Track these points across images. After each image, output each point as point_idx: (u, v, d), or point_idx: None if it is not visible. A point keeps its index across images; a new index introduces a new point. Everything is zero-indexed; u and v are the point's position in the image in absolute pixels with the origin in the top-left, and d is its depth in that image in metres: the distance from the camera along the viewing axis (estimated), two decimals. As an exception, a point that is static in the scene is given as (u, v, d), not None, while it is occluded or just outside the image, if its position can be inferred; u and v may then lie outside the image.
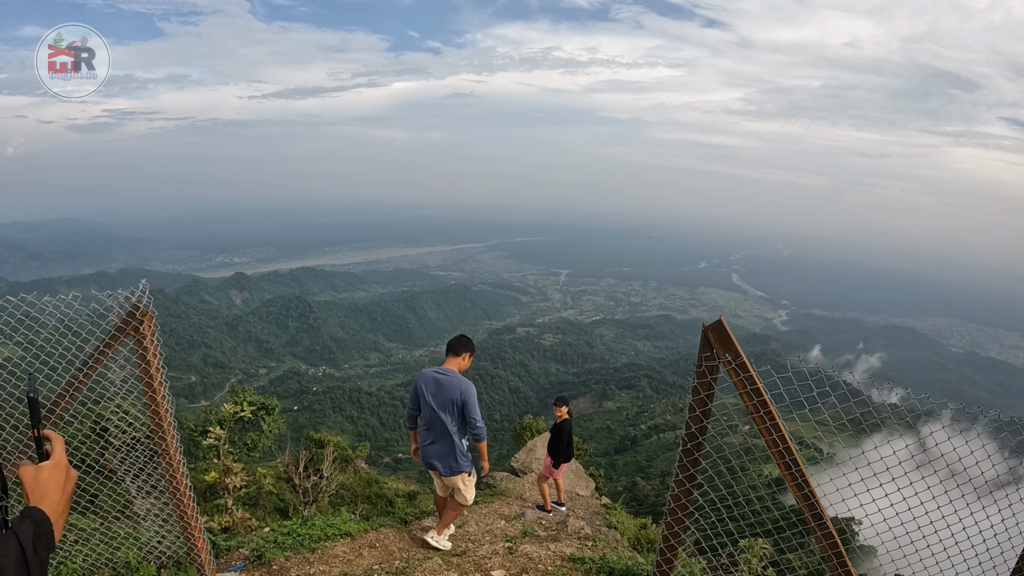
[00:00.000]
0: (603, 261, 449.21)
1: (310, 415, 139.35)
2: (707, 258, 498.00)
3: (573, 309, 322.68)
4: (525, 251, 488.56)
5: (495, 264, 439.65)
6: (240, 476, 7.03)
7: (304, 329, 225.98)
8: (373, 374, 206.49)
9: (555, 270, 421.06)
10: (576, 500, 14.95)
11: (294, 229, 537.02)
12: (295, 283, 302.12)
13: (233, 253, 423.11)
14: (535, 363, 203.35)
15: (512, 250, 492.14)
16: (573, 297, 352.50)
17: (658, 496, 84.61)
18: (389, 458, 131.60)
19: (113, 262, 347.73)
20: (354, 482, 23.25)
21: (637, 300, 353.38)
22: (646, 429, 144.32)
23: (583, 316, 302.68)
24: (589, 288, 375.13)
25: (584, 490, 16.44)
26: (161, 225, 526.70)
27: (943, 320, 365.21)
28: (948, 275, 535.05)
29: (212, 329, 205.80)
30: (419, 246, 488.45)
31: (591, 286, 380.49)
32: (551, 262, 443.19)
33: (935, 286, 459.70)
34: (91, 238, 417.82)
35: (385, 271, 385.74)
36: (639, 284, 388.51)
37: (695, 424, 6.64)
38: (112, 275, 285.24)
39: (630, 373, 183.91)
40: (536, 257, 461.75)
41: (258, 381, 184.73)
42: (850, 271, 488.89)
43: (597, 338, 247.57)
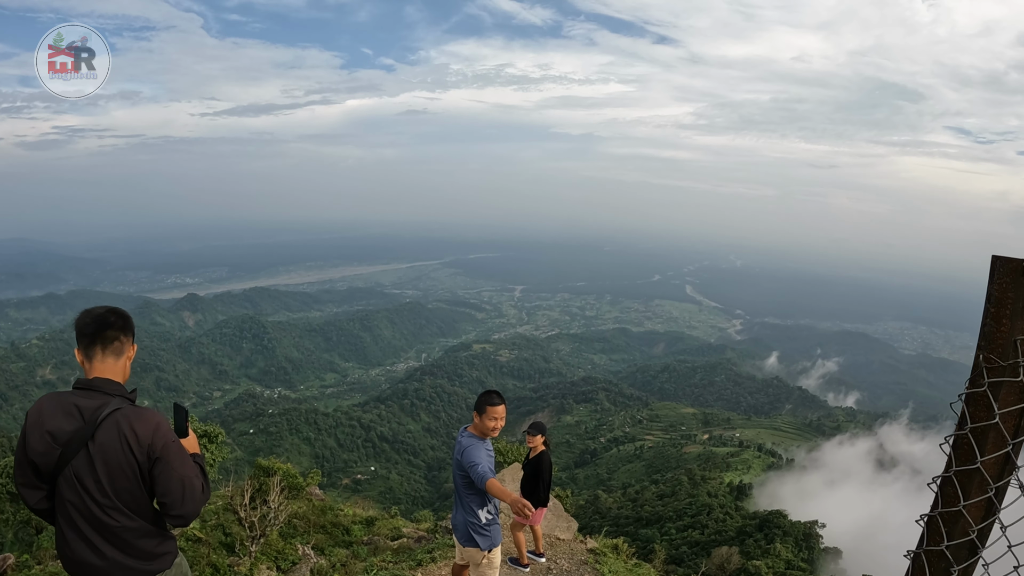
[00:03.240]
0: (557, 276, 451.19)
1: (266, 438, 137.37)
2: (661, 270, 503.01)
3: (529, 324, 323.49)
4: (480, 267, 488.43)
5: (450, 281, 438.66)
6: None
7: (258, 350, 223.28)
8: (329, 395, 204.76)
9: (510, 286, 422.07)
10: (557, 546, 12.43)
11: (247, 248, 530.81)
12: (249, 303, 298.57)
13: (185, 273, 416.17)
14: (492, 379, 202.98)
15: (467, 267, 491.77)
16: (528, 312, 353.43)
17: (620, 508, 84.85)
18: (348, 479, 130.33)
19: (63, 283, 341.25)
20: (307, 510, 22.59)
21: (592, 314, 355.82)
22: (605, 442, 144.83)
23: (539, 331, 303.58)
24: (544, 303, 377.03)
25: (565, 532, 13.69)
26: (112, 245, 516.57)
27: (895, 324, 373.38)
28: (898, 280, 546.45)
29: (164, 352, 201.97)
30: (373, 264, 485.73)
31: (546, 301, 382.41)
32: (506, 278, 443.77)
33: (885, 291, 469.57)
34: (40, 259, 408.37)
35: (339, 290, 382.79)
36: (594, 298, 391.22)
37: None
38: (62, 297, 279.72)
39: (587, 387, 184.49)
40: (491, 273, 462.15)
41: (213, 404, 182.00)
42: (802, 279, 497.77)
43: (553, 353, 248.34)
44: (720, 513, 72.55)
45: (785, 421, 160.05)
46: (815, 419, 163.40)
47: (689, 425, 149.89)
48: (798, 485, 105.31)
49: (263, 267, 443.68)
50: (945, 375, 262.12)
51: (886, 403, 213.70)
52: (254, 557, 14.90)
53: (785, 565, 51.62)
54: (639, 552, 44.01)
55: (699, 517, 72.62)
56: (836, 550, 65.55)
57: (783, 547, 57.21)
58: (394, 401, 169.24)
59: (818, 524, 66.19)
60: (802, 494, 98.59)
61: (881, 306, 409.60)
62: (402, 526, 22.28)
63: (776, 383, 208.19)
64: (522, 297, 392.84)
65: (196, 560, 16.54)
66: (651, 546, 53.25)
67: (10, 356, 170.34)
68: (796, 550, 58.80)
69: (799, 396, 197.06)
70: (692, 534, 68.41)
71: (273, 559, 16.38)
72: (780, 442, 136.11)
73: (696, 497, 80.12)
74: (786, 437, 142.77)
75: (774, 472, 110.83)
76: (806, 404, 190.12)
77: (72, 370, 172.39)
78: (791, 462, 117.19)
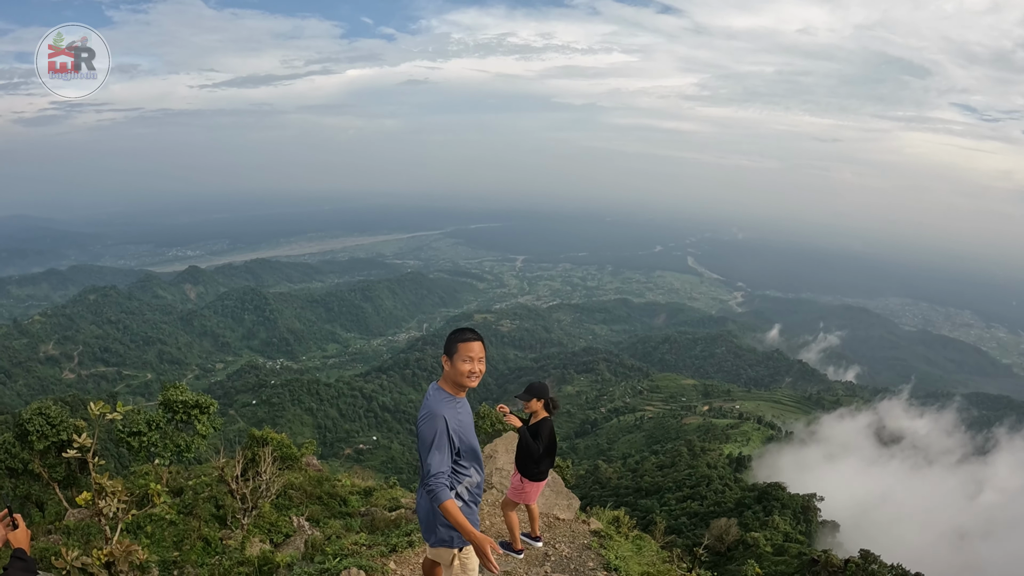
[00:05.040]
0: (559, 246, 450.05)
1: (269, 409, 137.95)
2: (662, 242, 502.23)
3: (530, 295, 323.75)
4: (481, 238, 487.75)
5: (451, 251, 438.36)
6: (119, 496, 5.91)
7: (260, 322, 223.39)
8: (331, 365, 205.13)
9: (511, 256, 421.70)
10: (556, 527, 10.86)
11: (248, 220, 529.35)
12: (250, 275, 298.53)
13: (186, 246, 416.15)
14: (493, 349, 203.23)
15: (468, 237, 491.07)
16: (530, 283, 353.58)
17: (620, 479, 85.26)
18: (350, 449, 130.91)
19: (64, 259, 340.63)
20: (303, 481, 22.44)
21: (594, 284, 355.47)
22: (606, 412, 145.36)
23: (540, 301, 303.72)
24: (545, 273, 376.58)
25: (565, 511, 11.77)
26: (112, 220, 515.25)
27: (896, 300, 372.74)
28: (900, 256, 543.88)
29: (167, 325, 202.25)
30: (375, 235, 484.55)
31: (547, 271, 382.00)
32: (507, 248, 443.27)
33: (887, 267, 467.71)
34: (41, 235, 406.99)
35: (341, 261, 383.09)
36: (595, 268, 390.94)
37: None
38: (63, 272, 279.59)
39: (588, 357, 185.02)
40: (492, 244, 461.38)
41: (215, 376, 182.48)
42: (804, 253, 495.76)
43: (555, 323, 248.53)
44: (719, 484, 72.89)
45: (785, 394, 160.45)
46: (815, 393, 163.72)
47: (689, 396, 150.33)
48: (797, 458, 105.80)
49: (264, 239, 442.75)
50: (945, 352, 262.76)
51: (886, 378, 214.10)
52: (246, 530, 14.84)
53: (783, 537, 51.84)
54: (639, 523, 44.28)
55: (698, 488, 72.97)
56: (834, 523, 65.89)
57: (781, 519, 57.50)
58: (396, 371, 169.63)
59: (816, 497, 66.47)
60: (801, 467, 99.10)
61: (883, 281, 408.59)
62: (400, 496, 22.24)
63: (776, 356, 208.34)
64: (523, 267, 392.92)
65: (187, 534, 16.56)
66: (651, 517, 53.55)
67: (12, 333, 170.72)
68: (794, 523, 59.11)
69: (799, 369, 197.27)
70: (691, 505, 68.76)
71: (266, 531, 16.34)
72: (779, 415, 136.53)
73: (696, 468, 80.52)
74: (786, 410, 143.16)
75: (773, 445, 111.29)
76: (806, 377, 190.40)
77: (75, 345, 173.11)
78: (790, 435, 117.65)
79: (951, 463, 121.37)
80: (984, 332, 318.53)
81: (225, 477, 15.34)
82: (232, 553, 13.74)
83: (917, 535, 76.55)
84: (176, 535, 16.38)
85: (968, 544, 79.35)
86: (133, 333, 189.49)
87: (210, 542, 16.13)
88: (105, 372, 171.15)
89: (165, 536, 16.20)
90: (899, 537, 70.09)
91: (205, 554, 15.27)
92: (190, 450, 21.48)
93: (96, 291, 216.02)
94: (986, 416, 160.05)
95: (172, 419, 21.38)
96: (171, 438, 21.22)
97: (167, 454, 21.06)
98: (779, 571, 38.48)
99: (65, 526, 16.79)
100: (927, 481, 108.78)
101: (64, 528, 16.70)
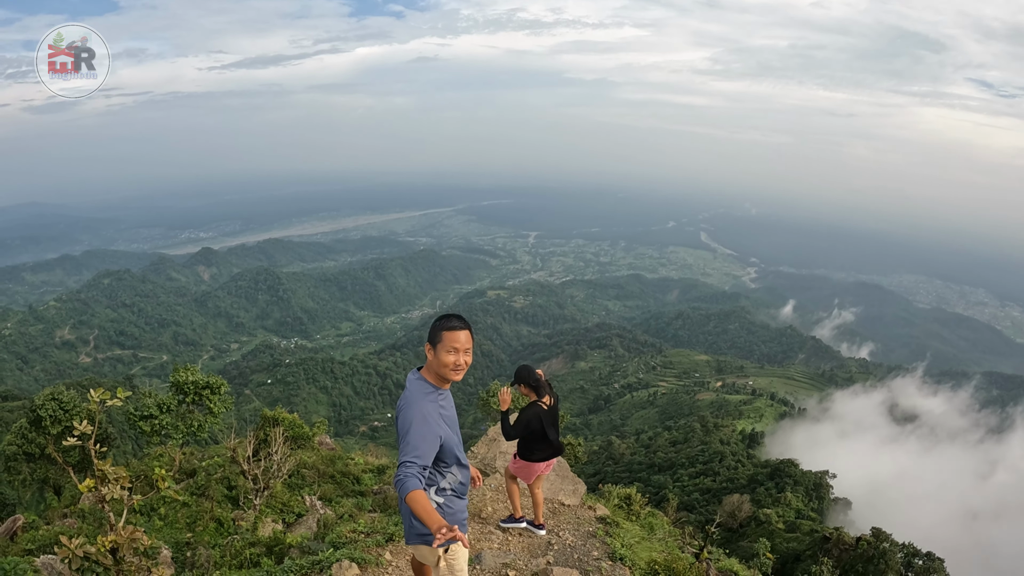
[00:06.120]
0: (572, 222, 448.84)
1: (284, 388, 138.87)
2: (675, 217, 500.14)
3: (543, 271, 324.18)
4: (493, 214, 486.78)
5: (463, 228, 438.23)
6: (122, 482, 5.83)
7: (274, 301, 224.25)
8: (345, 343, 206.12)
9: (524, 232, 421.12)
10: (560, 513, 10.33)
11: (260, 201, 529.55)
12: (263, 255, 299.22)
13: (199, 228, 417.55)
14: (506, 326, 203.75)
15: (480, 213, 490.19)
16: (543, 259, 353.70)
17: (633, 455, 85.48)
18: (365, 427, 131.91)
19: (77, 245, 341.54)
20: (316, 460, 22.50)
21: (606, 260, 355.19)
22: (619, 388, 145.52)
23: (553, 277, 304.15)
24: (558, 249, 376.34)
25: (571, 497, 11.17)
26: (124, 204, 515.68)
27: (910, 277, 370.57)
28: (914, 233, 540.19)
29: (181, 307, 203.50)
30: (386, 213, 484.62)
31: (560, 247, 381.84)
32: (520, 224, 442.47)
33: (901, 243, 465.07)
34: (54, 221, 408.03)
35: (353, 239, 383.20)
36: (608, 244, 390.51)
37: None
38: (77, 258, 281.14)
39: (601, 333, 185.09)
40: (504, 220, 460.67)
41: (230, 356, 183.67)
42: (817, 229, 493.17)
43: (568, 299, 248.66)
44: (732, 461, 72.96)
45: (798, 371, 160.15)
46: (828, 369, 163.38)
47: (702, 372, 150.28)
48: (810, 435, 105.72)
49: (276, 219, 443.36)
50: (959, 330, 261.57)
51: (899, 356, 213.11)
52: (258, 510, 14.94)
53: (795, 514, 51.87)
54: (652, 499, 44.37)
55: (711, 464, 73.06)
56: (846, 501, 65.86)
57: (793, 496, 57.49)
58: (409, 348, 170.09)
59: (828, 474, 66.38)
60: (813, 444, 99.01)
61: (897, 258, 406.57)
62: (414, 475, 22.25)
63: (790, 332, 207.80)
64: (536, 243, 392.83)
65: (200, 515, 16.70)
66: (663, 493, 53.70)
67: (28, 319, 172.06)
68: (806, 499, 59.07)
69: (812, 346, 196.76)
70: (704, 481, 68.86)
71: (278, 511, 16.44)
72: (792, 391, 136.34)
73: (708, 444, 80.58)
74: (799, 386, 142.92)
75: (786, 421, 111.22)
76: (819, 354, 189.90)
77: (90, 329, 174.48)
78: (803, 411, 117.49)
79: (965, 443, 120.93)
80: (998, 311, 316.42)
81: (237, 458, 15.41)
82: (244, 533, 13.86)
83: (929, 514, 76.43)
84: (189, 516, 16.53)
85: (980, 525, 79.14)
86: (148, 316, 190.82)
87: (223, 523, 16.27)
88: (121, 355, 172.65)
89: (178, 518, 16.36)
90: (911, 516, 70.09)
91: (218, 535, 15.40)
92: (202, 431, 21.56)
93: (110, 275, 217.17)
94: (1000, 396, 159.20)
95: (183, 401, 21.45)
96: (183, 420, 21.32)
97: (179, 436, 21.16)
98: (791, 548, 38.52)
99: (80, 510, 16.96)
100: (940, 460, 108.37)
101: (79, 512, 16.87)
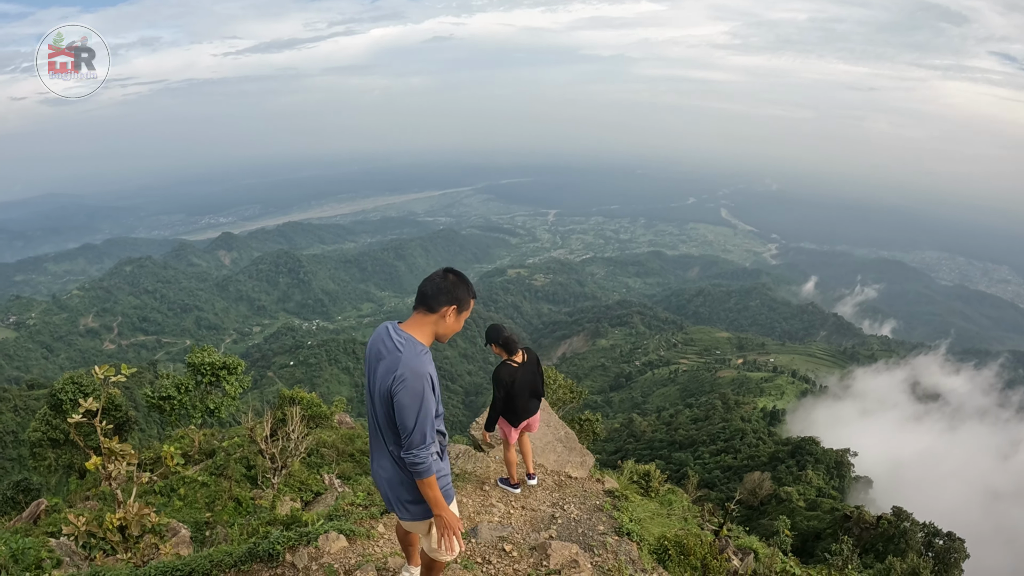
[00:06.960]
0: (591, 199, 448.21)
1: (306, 369, 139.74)
2: (695, 193, 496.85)
3: (563, 248, 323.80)
4: (512, 192, 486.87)
5: (483, 207, 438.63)
6: (129, 459, 5.72)
7: (295, 284, 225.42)
8: (367, 324, 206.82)
9: (543, 210, 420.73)
10: (567, 486, 9.77)
11: (278, 185, 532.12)
12: (283, 239, 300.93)
13: (219, 213, 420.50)
14: (527, 304, 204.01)
15: (499, 192, 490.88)
16: (562, 236, 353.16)
17: (654, 432, 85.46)
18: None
19: (98, 234, 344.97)
20: (334, 439, 22.59)
21: (627, 237, 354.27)
22: (640, 365, 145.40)
23: (573, 255, 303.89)
24: (578, 227, 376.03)
25: (578, 469, 10.67)
26: (143, 192, 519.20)
27: (932, 253, 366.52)
28: (937, 209, 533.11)
29: (203, 291, 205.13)
30: (405, 193, 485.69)
31: (580, 225, 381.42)
32: (539, 202, 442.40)
33: (924, 220, 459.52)
34: (74, 212, 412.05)
35: (372, 220, 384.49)
36: (628, 221, 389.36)
37: None
38: (98, 247, 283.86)
39: (622, 310, 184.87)
40: (523, 198, 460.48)
41: (252, 339, 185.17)
42: (839, 204, 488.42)
43: (588, 276, 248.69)
44: (753, 438, 72.79)
45: (819, 348, 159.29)
46: (849, 347, 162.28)
47: (723, 349, 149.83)
48: (831, 413, 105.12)
49: (295, 202, 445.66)
50: (982, 308, 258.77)
51: (921, 333, 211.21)
52: (276, 489, 14.98)
53: (816, 492, 51.67)
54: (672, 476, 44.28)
55: (732, 442, 72.95)
56: (867, 479, 65.49)
57: (814, 474, 57.30)
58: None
59: (850, 452, 66.02)
60: (835, 422, 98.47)
61: (919, 234, 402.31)
62: (434, 452, 22.27)
63: (811, 309, 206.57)
64: (555, 221, 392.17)
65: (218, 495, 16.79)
66: (684, 470, 53.63)
67: (52, 308, 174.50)
68: (827, 477, 58.86)
69: (834, 323, 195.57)
70: (725, 459, 68.80)
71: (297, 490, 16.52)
72: (814, 368, 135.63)
73: (729, 422, 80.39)
74: (820, 364, 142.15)
75: (807, 399, 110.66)
76: (841, 331, 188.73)
77: (114, 317, 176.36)
78: (824, 389, 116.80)
79: (988, 422, 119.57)
80: (1022, 288, 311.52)
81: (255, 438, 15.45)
82: (262, 512, 13.92)
83: (951, 494, 75.76)
84: (208, 496, 16.62)
85: (1002, 505, 78.30)
86: (170, 301, 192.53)
87: (241, 502, 16.34)
88: (145, 341, 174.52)
89: (197, 497, 16.45)
90: (932, 495, 69.52)
91: (236, 514, 15.47)
92: (220, 411, 21.68)
93: (132, 262, 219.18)
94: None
95: (200, 382, 21.57)
96: (201, 400, 21.45)
97: (198, 416, 21.30)
98: (811, 526, 38.44)
99: (102, 492, 17.08)
100: (963, 439, 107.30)
101: (100, 494, 16.99)
